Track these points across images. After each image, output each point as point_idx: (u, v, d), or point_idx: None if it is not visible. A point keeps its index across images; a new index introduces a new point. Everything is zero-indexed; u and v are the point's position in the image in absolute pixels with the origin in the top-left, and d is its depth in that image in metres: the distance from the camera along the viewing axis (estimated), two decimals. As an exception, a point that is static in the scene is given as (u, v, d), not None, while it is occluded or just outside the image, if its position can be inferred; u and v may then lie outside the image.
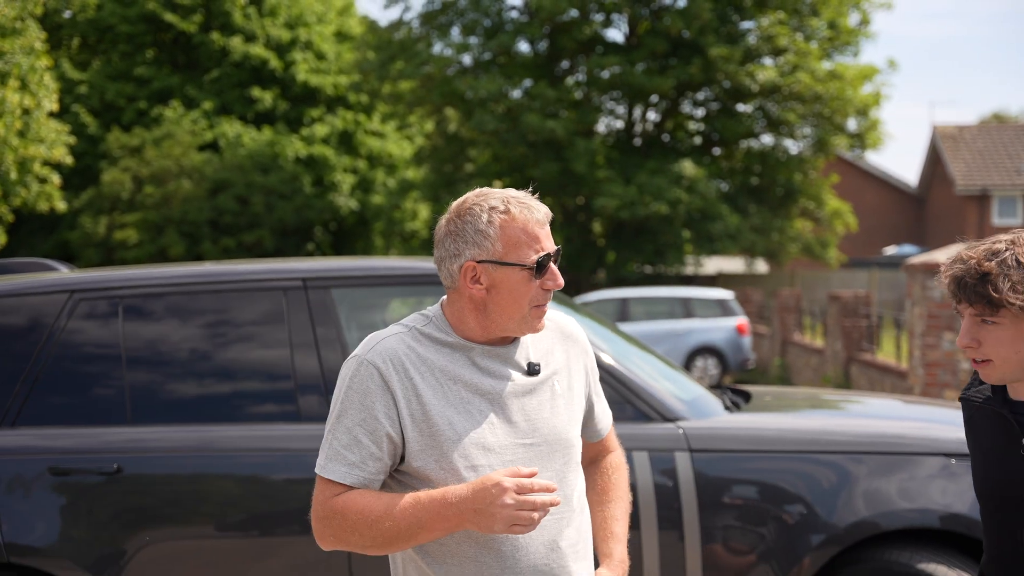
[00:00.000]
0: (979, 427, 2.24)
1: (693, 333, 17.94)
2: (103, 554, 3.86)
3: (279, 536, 3.88)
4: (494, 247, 2.14)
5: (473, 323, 2.19)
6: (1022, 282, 2.05)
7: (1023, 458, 2.11)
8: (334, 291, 4.07)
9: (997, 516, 2.19)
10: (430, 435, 2.13)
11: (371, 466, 2.12)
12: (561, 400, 2.24)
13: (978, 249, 2.11)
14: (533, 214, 2.16)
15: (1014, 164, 36.54)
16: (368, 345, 2.18)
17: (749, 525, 3.81)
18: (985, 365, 2.12)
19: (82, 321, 4.05)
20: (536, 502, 2.00)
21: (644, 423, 3.89)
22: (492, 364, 2.19)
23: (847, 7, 24.28)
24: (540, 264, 2.15)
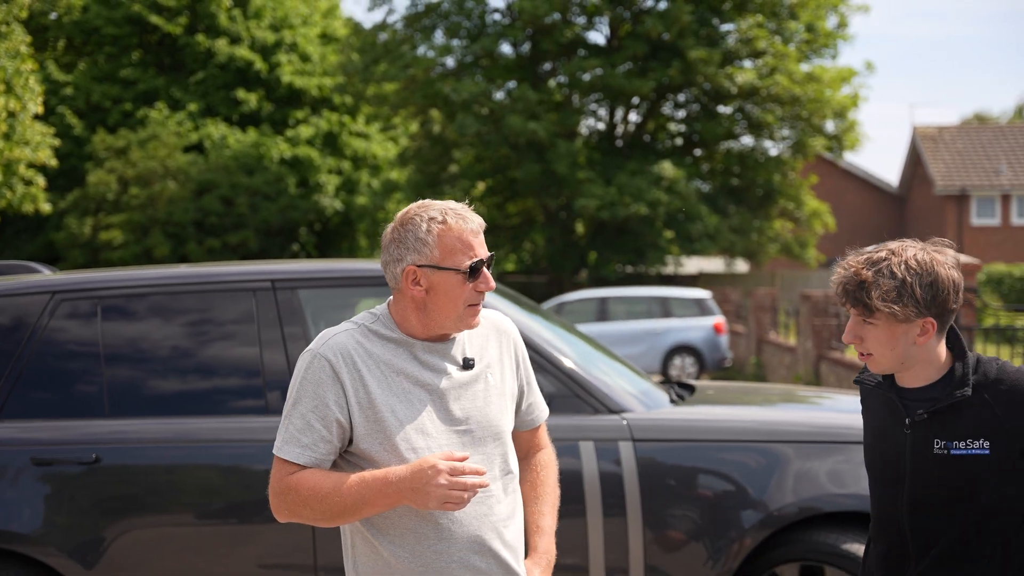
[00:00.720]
0: (871, 407, 2.52)
1: (671, 332, 18.20)
2: (84, 540, 4.11)
3: (248, 523, 4.13)
4: (432, 253, 2.39)
5: (415, 321, 2.44)
6: (892, 291, 2.30)
7: (905, 435, 2.39)
8: (301, 292, 4.32)
9: (881, 484, 2.46)
10: (375, 421, 2.38)
11: (322, 448, 2.37)
12: (494, 391, 2.49)
13: (860, 258, 2.36)
14: (468, 224, 2.42)
15: (992, 165, 36.94)
16: (321, 340, 2.42)
17: (688, 510, 4.07)
18: (868, 358, 2.39)
19: (63, 320, 4.30)
20: (466, 483, 2.26)
21: (591, 415, 4.15)
22: (432, 358, 2.43)
23: (825, 10, 24.62)
24: (473, 269, 2.40)
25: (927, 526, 2.38)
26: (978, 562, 2.35)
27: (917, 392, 2.40)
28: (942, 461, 2.35)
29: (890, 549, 2.45)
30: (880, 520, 2.48)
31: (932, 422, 2.36)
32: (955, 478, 2.34)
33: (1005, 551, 2.36)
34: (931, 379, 2.39)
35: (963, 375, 2.36)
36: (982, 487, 2.33)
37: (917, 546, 2.39)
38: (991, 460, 2.32)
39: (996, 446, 2.32)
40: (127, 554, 4.12)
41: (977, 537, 2.35)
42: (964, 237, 36.33)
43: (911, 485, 2.39)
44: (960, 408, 2.35)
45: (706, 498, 4.07)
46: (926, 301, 2.31)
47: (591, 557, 4.06)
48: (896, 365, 2.38)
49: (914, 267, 2.31)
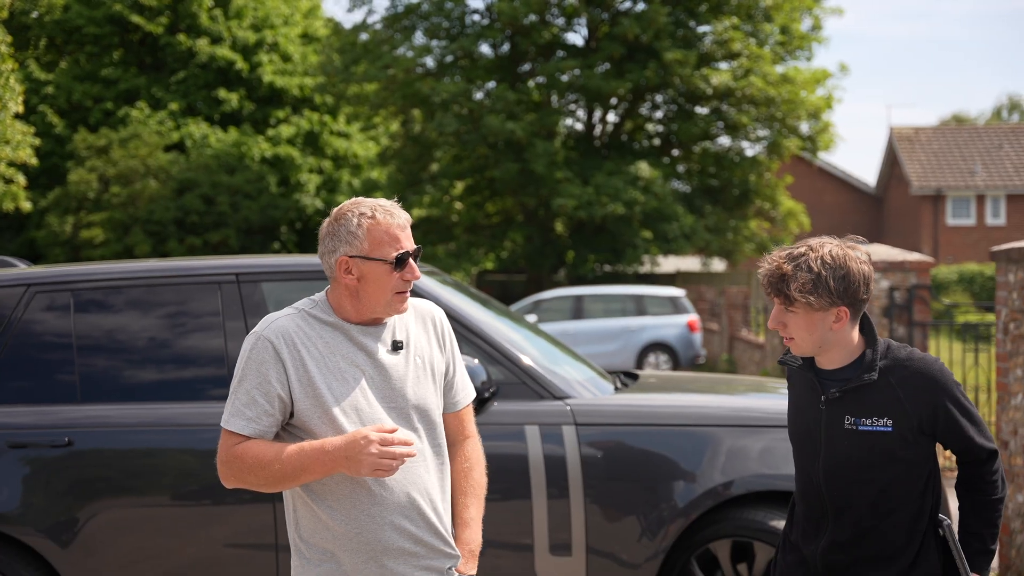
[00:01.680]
0: (794, 385, 2.82)
1: (646, 330, 18.50)
2: (59, 521, 4.36)
3: (210, 505, 4.38)
4: (362, 245, 2.64)
5: (349, 306, 2.68)
6: (808, 283, 2.58)
7: (821, 411, 2.69)
8: (264, 285, 4.57)
9: (802, 454, 2.77)
10: (314, 397, 2.61)
11: (264, 421, 2.61)
12: (422, 372, 2.74)
13: (782, 253, 2.65)
14: (394, 219, 2.66)
15: (968, 166, 37.39)
16: (264, 324, 2.66)
17: (627, 490, 4.34)
18: (791, 342, 2.69)
19: (37, 312, 4.54)
20: (395, 452, 2.51)
21: (536, 401, 4.41)
22: (365, 340, 2.67)
23: (799, 13, 24.95)
24: (399, 260, 2.64)
25: (840, 490, 2.68)
26: (885, 520, 2.66)
27: (832, 373, 2.70)
28: (851, 435, 2.65)
29: (811, 509, 2.75)
30: (802, 485, 2.78)
31: (843, 400, 2.66)
32: (862, 450, 2.64)
33: (907, 512, 2.67)
34: (845, 362, 2.68)
35: (872, 360, 2.65)
36: (886, 458, 2.63)
37: (833, 507, 2.70)
38: (893, 436, 2.62)
39: (898, 424, 2.62)
40: (99, 534, 4.36)
41: (884, 500, 2.66)
42: (939, 237, 36.77)
43: (826, 455, 2.68)
44: (868, 389, 2.64)
45: (644, 479, 4.34)
46: (839, 292, 2.59)
47: (536, 535, 4.32)
48: (814, 349, 2.67)
49: (828, 262, 2.59)
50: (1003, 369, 5.94)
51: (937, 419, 2.64)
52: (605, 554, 4.32)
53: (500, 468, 4.33)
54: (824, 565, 2.72)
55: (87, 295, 4.57)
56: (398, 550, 2.64)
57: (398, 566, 2.65)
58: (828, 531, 2.71)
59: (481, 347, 4.46)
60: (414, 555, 2.66)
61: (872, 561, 2.68)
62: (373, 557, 2.63)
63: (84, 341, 4.51)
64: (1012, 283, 5.77)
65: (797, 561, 2.80)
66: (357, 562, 2.64)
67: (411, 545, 2.66)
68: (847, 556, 2.69)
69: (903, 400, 2.62)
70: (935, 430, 2.66)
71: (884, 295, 9.72)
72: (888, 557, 2.68)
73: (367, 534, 2.62)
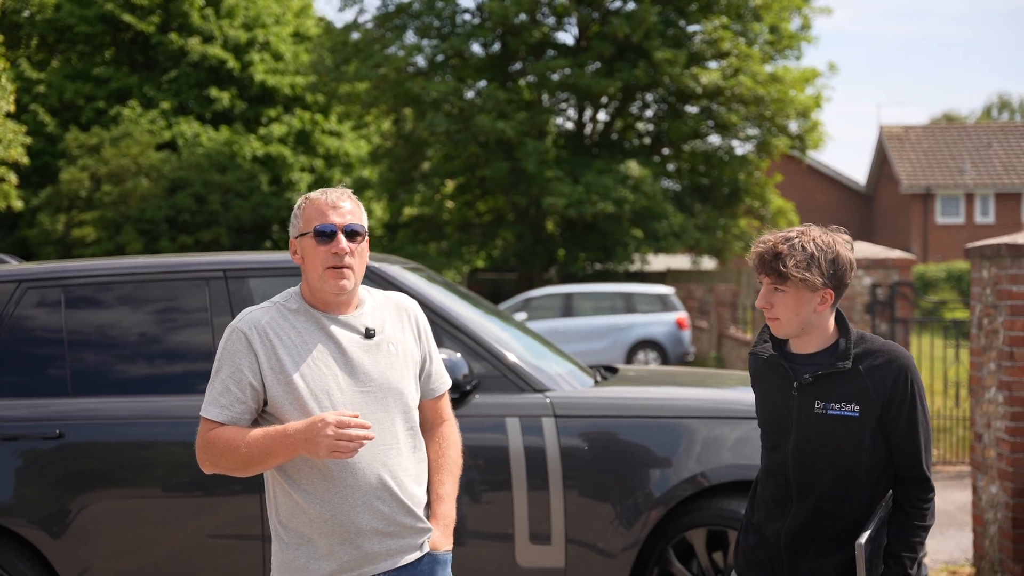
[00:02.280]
0: (764, 375, 2.94)
1: (635, 327, 18.61)
2: (51, 511, 4.46)
3: (199, 496, 4.48)
4: (300, 225, 2.81)
5: (307, 291, 2.82)
6: (803, 262, 2.72)
7: (793, 396, 2.82)
8: (251, 281, 4.67)
9: (772, 438, 2.88)
10: (286, 384, 2.73)
11: (237, 408, 2.74)
12: (395, 358, 2.85)
13: (776, 235, 2.80)
14: (326, 197, 2.81)
15: (957, 164, 37.58)
16: (240, 316, 2.81)
17: (605, 480, 4.45)
18: (775, 322, 2.81)
19: (29, 307, 4.64)
20: (351, 435, 2.60)
21: (517, 393, 4.52)
22: (336, 328, 2.79)
23: (788, 13, 25.08)
24: (319, 232, 2.76)
25: (807, 473, 2.80)
26: (845, 505, 2.79)
27: (805, 358, 2.83)
28: (821, 419, 2.78)
29: (777, 491, 2.87)
30: (769, 468, 2.90)
31: (815, 385, 2.79)
32: (830, 433, 2.77)
33: (861, 500, 2.80)
34: (820, 347, 2.82)
35: (846, 348, 2.79)
36: (851, 443, 2.76)
37: (799, 489, 2.82)
38: (860, 421, 2.76)
39: (864, 410, 2.75)
40: (90, 524, 4.46)
41: (846, 484, 2.78)
42: (929, 235, 36.97)
43: (796, 438, 2.81)
44: (839, 376, 2.78)
45: (622, 470, 4.45)
46: (828, 274, 2.74)
47: (516, 525, 4.43)
48: (797, 329, 2.79)
49: (820, 244, 2.74)
50: (977, 363, 6.06)
51: (897, 412, 2.77)
52: (584, 543, 4.43)
53: (481, 459, 4.44)
54: (786, 545, 2.83)
55: (78, 291, 4.68)
56: (372, 531, 2.74)
57: (372, 546, 2.75)
58: (792, 512, 2.83)
59: (464, 341, 4.57)
60: (388, 535, 2.76)
61: (829, 543, 2.80)
62: (348, 539, 2.73)
63: (75, 336, 4.61)
64: (986, 279, 5.89)
65: (759, 543, 2.91)
66: (332, 544, 2.73)
67: (384, 525, 2.75)
68: (807, 537, 2.81)
69: (870, 388, 2.75)
70: (891, 422, 2.77)
71: (867, 292, 9.85)
72: (843, 540, 2.80)
73: (341, 516, 2.72)
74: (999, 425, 5.68)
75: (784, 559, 2.84)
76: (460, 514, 4.42)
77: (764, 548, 2.89)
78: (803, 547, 2.82)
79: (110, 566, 4.47)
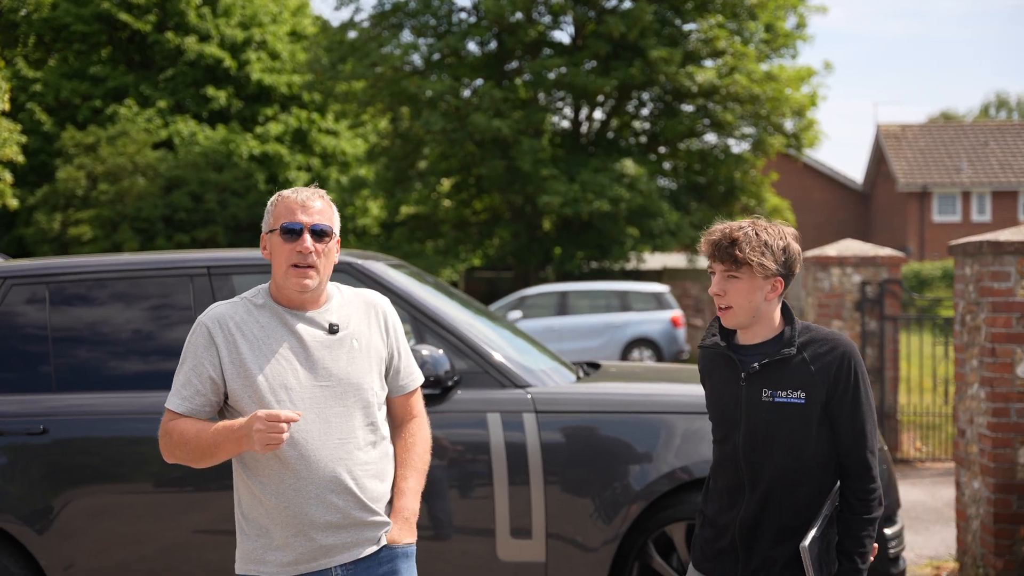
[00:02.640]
0: (713, 367, 2.98)
1: (630, 325, 18.65)
2: (36, 507, 4.48)
3: (180, 491, 4.51)
4: (270, 221, 2.87)
5: (275, 288, 2.87)
6: (758, 247, 2.78)
7: (741, 387, 2.86)
8: (235, 278, 4.70)
9: (722, 430, 2.92)
10: (246, 378, 2.78)
11: (197, 400, 2.81)
12: (358, 354, 2.88)
13: (728, 223, 2.86)
14: (296, 196, 2.85)
15: (954, 163, 37.61)
16: (207, 311, 2.87)
17: (586, 475, 4.48)
18: (728, 311, 2.85)
19: (14, 303, 4.67)
20: (280, 428, 2.62)
21: (499, 389, 4.55)
22: (299, 324, 2.83)
23: (784, 11, 25.09)
24: (286, 229, 2.80)
25: (757, 461, 2.84)
26: (795, 493, 2.83)
27: (752, 348, 2.87)
28: (768, 407, 2.82)
29: (729, 482, 2.90)
30: (720, 460, 2.94)
31: (762, 374, 2.83)
32: (778, 421, 2.81)
33: (810, 489, 2.84)
34: (766, 337, 2.87)
35: (791, 336, 2.84)
36: (798, 430, 2.81)
37: (750, 478, 2.86)
38: (806, 408, 2.80)
39: (810, 397, 2.80)
40: (74, 520, 4.49)
41: (795, 472, 2.83)
42: (926, 233, 37.00)
43: (745, 427, 2.85)
44: (785, 364, 2.82)
45: (602, 464, 4.48)
46: (780, 262, 2.80)
47: (497, 520, 4.46)
48: (748, 318, 2.84)
49: (772, 233, 2.82)
50: (960, 360, 6.10)
51: (841, 398, 2.81)
52: (564, 538, 4.46)
53: (463, 454, 4.48)
54: (741, 535, 2.87)
55: (62, 288, 4.71)
56: (325, 524, 2.78)
57: (326, 539, 2.79)
58: (745, 502, 2.87)
59: (445, 337, 4.60)
60: (342, 527, 2.80)
61: (783, 532, 2.84)
62: (301, 531, 2.78)
63: (59, 332, 4.64)
64: (968, 276, 5.93)
65: (714, 535, 2.95)
66: (287, 535, 2.79)
67: (339, 519, 2.79)
68: (761, 526, 2.85)
69: (815, 375, 2.80)
70: (836, 409, 2.82)
71: (856, 289, 9.88)
72: (793, 530, 2.84)
73: (294, 508, 2.77)
74: (981, 421, 5.71)
75: (739, 549, 2.88)
76: (442, 509, 4.46)
77: (719, 540, 2.93)
78: (757, 537, 2.85)
79: (95, 562, 4.50)
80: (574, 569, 4.46)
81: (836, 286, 9.85)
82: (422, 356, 4.35)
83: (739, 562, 2.88)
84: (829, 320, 9.82)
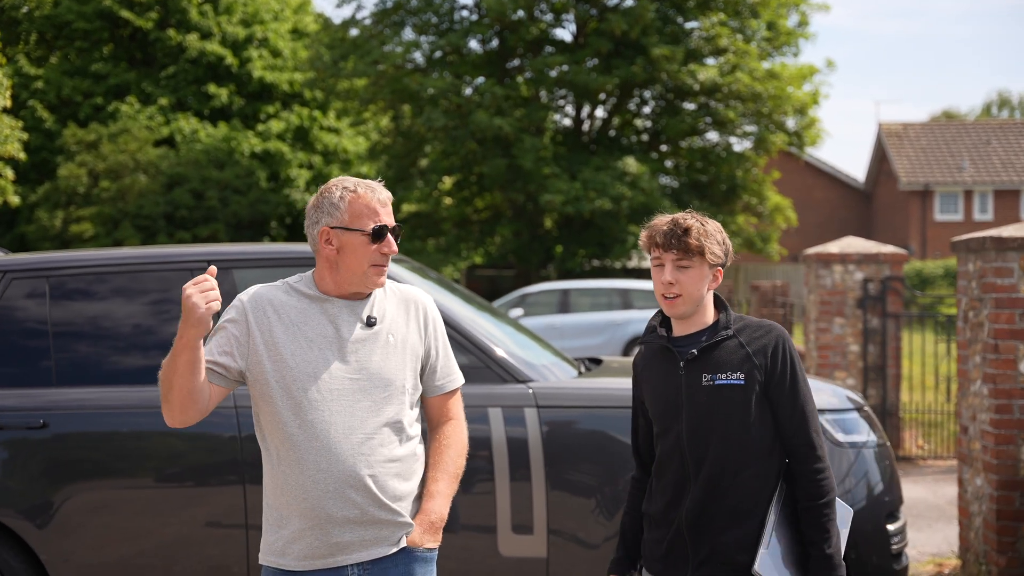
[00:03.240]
0: (651, 364, 3.01)
1: (631, 323, 18.62)
2: (36, 501, 4.47)
3: (181, 486, 4.50)
4: (343, 216, 2.78)
5: (329, 279, 2.82)
6: (707, 236, 2.88)
7: (680, 376, 2.91)
8: (235, 272, 4.69)
9: (665, 422, 2.94)
10: (277, 361, 2.76)
11: (219, 359, 2.77)
12: (393, 349, 2.83)
13: (674, 216, 2.94)
14: (375, 195, 2.80)
15: (956, 161, 37.57)
16: (249, 289, 2.85)
17: (586, 470, 4.47)
18: (677, 300, 2.90)
19: (14, 298, 4.66)
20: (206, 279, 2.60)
21: (500, 384, 4.54)
22: (339, 314, 2.80)
23: (786, 9, 25.07)
24: (376, 232, 2.77)
25: (700, 446, 2.87)
26: (740, 476, 2.87)
27: (687, 339, 2.94)
28: (709, 391, 2.87)
29: (674, 475, 2.92)
30: (664, 454, 2.95)
31: (700, 360, 2.89)
32: (719, 404, 2.87)
33: (755, 472, 2.88)
34: (701, 327, 2.94)
35: (726, 322, 2.93)
36: (739, 411, 2.86)
37: (694, 465, 2.88)
38: (745, 389, 2.86)
39: (748, 378, 2.87)
40: (75, 514, 4.48)
41: (735, 456, 2.86)
42: (927, 232, 36.96)
43: (687, 415, 2.89)
44: (722, 348, 2.89)
45: (603, 459, 4.46)
46: (724, 251, 2.92)
47: (499, 515, 4.45)
48: (694, 306, 2.91)
49: (713, 225, 2.94)
50: (963, 356, 6.08)
51: (780, 380, 2.87)
52: (565, 533, 4.44)
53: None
54: (688, 525, 2.88)
55: (62, 282, 4.69)
56: (342, 519, 2.74)
57: (343, 535, 2.75)
58: (690, 491, 2.88)
59: (449, 333, 4.57)
60: (360, 524, 2.75)
61: (729, 518, 2.86)
62: (318, 524, 2.74)
63: (59, 326, 4.63)
64: (971, 272, 5.91)
65: (660, 535, 2.95)
66: (303, 526, 2.76)
67: (356, 515, 2.74)
68: (707, 513, 2.87)
69: (752, 356, 2.87)
70: (775, 392, 2.88)
71: (858, 287, 9.86)
72: (740, 515, 2.86)
73: (312, 500, 2.74)
74: (984, 418, 5.70)
75: (687, 541, 2.89)
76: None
77: (666, 536, 2.93)
78: (705, 524, 2.87)
79: (95, 556, 4.48)
80: (575, 565, 4.45)
81: (838, 283, 9.83)
82: (423, 351, 4.34)
83: (688, 553, 2.89)
84: (831, 317, 9.81)
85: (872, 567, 4.48)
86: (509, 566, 4.44)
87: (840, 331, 9.78)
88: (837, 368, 9.76)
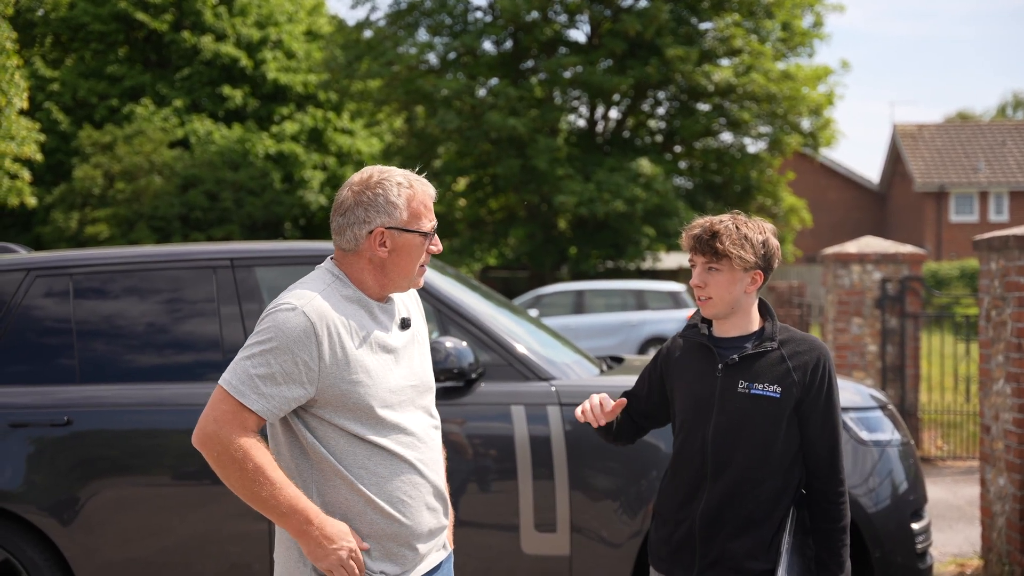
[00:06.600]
0: (687, 360, 2.98)
1: (646, 324, 18.61)
2: (60, 498, 4.48)
3: (205, 483, 4.50)
4: (401, 216, 2.52)
5: (371, 281, 2.55)
6: (738, 240, 2.84)
7: (717, 378, 2.89)
8: (257, 270, 4.69)
9: (692, 419, 2.91)
10: (351, 382, 2.46)
11: (275, 402, 2.41)
12: (423, 349, 2.70)
13: (711, 218, 2.91)
14: (428, 190, 2.59)
15: (971, 162, 37.41)
16: (303, 299, 2.45)
17: (609, 469, 4.45)
18: (708, 302, 2.88)
19: (37, 296, 4.67)
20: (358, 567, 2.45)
21: (522, 382, 4.53)
22: (383, 318, 2.58)
23: (800, 9, 25.00)
24: (433, 232, 2.58)
25: (725, 451, 2.85)
26: (760, 486, 2.85)
27: (728, 341, 2.91)
28: (743, 398, 2.85)
29: (691, 475, 2.90)
30: (683, 452, 2.94)
31: (740, 366, 2.87)
32: (750, 412, 2.84)
33: (773, 485, 2.86)
34: (744, 331, 2.91)
35: (771, 332, 2.91)
36: (768, 423, 2.84)
37: (715, 468, 2.86)
38: (779, 403, 2.84)
39: (784, 393, 2.84)
40: (99, 511, 4.48)
41: (760, 465, 2.85)
42: (943, 233, 36.81)
43: (717, 418, 2.87)
44: (764, 358, 2.87)
45: (625, 457, 4.45)
46: (759, 255, 2.86)
47: (522, 512, 4.43)
48: (727, 309, 2.88)
49: (752, 227, 2.89)
50: (985, 355, 6.05)
51: (815, 399, 2.85)
52: (589, 532, 4.43)
53: (487, 447, 4.45)
54: (701, 527, 2.87)
55: (86, 280, 4.70)
56: (427, 531, 2.61)
57: (424, 546, 2.62)
58: (707, 493, 2.87)
59: (470, 330, 4.57)
60: (435, 534, 2.66)
61: (742, 525, 2.85)
62: (406, 542, 2.57)
63: (83, 324, 4.64)
64: (994, 271, 5.88)
65: (669, 533, 2.94)
66: (392, 546, 2.56)
67: (435, 524, 2.64)
68: (721, 517, 2.85)
69: (792, 372, 2.85)
70: (808, 410, 2.85)
71: (877, 287, 9.82)
72: (753, 524, 2.85)
73: (410, 515, 2.56)
74: (1007, 417, 5.66)
75: (697, 542, 2.87)
76: (466, 501, 4.44)
77: (676, 534, 2.92)
78: (718, 529, 2.86)
79: (119, 553, 4.49)
80: (599, 563, 4.43)
81: (856, 283, 9.79)
82: (446, 348, 4.33)
83: (696, 555, 2.88)
84: (849, 317, 9.77)
85: (897, 566, 4.45)
86: (532, 564, 4.43)
87: (858, 331, 9.74)
88: (855, 368, 9.72)
